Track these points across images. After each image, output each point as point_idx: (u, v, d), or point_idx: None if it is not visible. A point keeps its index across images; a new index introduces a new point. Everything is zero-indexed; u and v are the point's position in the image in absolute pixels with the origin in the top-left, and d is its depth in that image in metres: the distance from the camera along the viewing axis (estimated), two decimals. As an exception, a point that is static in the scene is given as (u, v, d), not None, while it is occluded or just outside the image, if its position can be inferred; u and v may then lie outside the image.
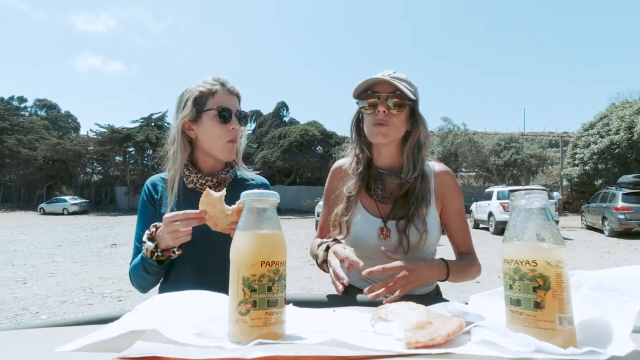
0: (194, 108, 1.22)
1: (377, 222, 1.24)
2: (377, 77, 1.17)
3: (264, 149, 30.66)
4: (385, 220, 1.23)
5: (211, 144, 1.24)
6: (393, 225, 1.22)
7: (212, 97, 1.23)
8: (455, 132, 28.36)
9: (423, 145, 1.24)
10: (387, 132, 1.18)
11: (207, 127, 1.22)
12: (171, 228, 0.97)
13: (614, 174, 19.09)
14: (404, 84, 1.18)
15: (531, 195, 0.56)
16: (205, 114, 1.22)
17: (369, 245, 1.23)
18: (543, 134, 49.86)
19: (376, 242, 1.22)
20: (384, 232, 1.22)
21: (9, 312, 4.64)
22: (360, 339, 0.54)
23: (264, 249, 0.58)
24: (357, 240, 1.26)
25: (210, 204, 0.91)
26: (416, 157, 1.23)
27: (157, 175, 1.35)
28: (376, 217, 1.25)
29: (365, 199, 1.29)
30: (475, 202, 16.29)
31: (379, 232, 1.23)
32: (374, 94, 1.18)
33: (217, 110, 1.21)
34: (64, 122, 55.24)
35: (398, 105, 1.17)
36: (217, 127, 1.22)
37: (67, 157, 32.38)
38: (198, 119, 1.23)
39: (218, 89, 1.24)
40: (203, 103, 1.22)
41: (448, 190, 1.26)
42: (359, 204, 1.28)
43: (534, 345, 0.48)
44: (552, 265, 0.51)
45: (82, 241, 11.82)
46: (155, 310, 0.67)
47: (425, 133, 1.24)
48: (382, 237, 1.22)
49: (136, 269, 1.15)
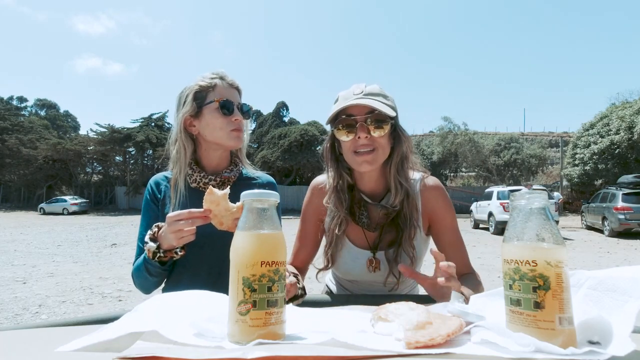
0: (194, 103, 1.20)
1: (365, 255, 1.17)
2: (350, 103, 1.05)
3: (264, 149, 30.65)
4: (374, 250, 1.17)
5: (215, 135, 1.21)
6: (382, 255, 1.16)
7: (212, 91, 1.21)
8: (456, 132, 28.35)
9: (406, 159, 1.15)
10: (373, 159, 1.08)
11: (209, 120, 1.20)
12: (175, 227, 0.95)
13: (614, 174, 19.09)
14: (378, 99, 1.07)
15: (531, 195, 0.56)
16: (207, 107, 1.20)
17: (357, 275, 1.20)
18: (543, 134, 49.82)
19: (365, 274, 1.17)
20: (373, 264, 1.16)
21: (9, 312, 4.64)
22: (360, 339, 0.54)
23: (264, 249, 0.58)
24: (345, 272, 1.22)
25: (214, 202, 0.90)
26: (401, 175, 1.13)
27: (160, 173, 1.33)
28: (364, 249, 1.18)
29: (351, 227, 1.19)
30: (475, 202, 16.28)
31: (367, 265, 1.16)
32: (350, 118, 1.07)
33: (219, 103, 1.19)
34: (63, 122, 55.21)
35: (378, 126, 1.06)
36: (220, 119, 1.20)
37: (67, 157, 32.36)
38: (199, 114, 1.21)
39: (217, 82, 1.22)
40: (203, 97, 1.21)
41: (437, 207, 1.16)
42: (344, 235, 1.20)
43: (534, 345, 0.48)
44: (552, 266, 0.51)
45: (82, 241, 11.81)
46: (156, 310, 0.67)
47: (409, 146, 1.14)
48: (372, 270, 1.16)
49: (139, 270, 1.14)
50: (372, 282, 1.20)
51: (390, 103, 1.10)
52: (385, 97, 1.10)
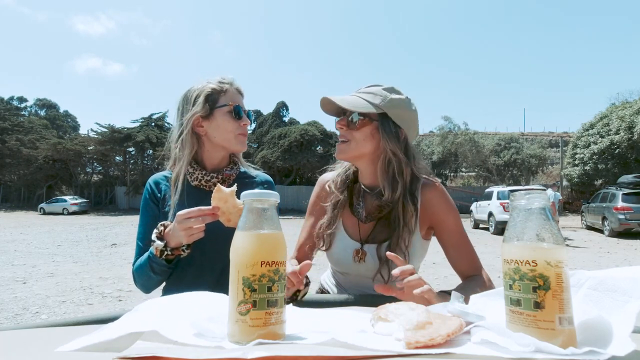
0: (207, 104, 1.24)
1: (354, 245, 1.19)
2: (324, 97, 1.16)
3: (264, 149, 30.64)
4: (362, 242, 1.19)
5: (224, 137, 1.26)
6: (372, 249, 1.16)
7: (224, 95, 1.26)
8: (456, 132, 28.36)
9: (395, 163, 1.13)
10: (344, 149, 1.16)
11: (220, 122, 1.24)
12: (185, 225, 0.97)
13: (614, 174, 19.08)
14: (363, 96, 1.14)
15: (531, 195, 0.56)
16: (218, 110, 1.24)
17: (346, 267, 1.22)
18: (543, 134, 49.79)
19: (351, 263, 1.19)
20: (359, 254, 1.17)
21: (9, 312, 4.64)
22: (360, 339, 0.54)
23: (264, 249, 0.58)
24: (336, 261, 1.25)
25: (222, 200, 0.91)
26: (390, 177, 1.13)
27: (159, 173, 1.34)
28: (354, 240, 1.20)
29: (347, 216, 1.24)
30: (475, 202, 16.28)
31: (354, 254, 1.18)
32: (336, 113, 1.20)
33: (233, 107, 1.25)
34: (63, 122, 55.18)
35: (349, 120, 1.15)
36: (230, 123, 1.25)
37: (68, 156, 32.36)
38: (210, 116, 1.24)
39: (229, 88, 1.27)
40: (215, 100, 1.25)
41: (437, 210, 1.16)
42: (340, 221, 1.24)
43: (534, 345, 0.48)
44: (552, 266, 0.51)
45: (82, 241, 11.81)
46: (155, 310, 0.67)
47: (392, 148, 1.12)
48: (357, 260, 1.17)
49: (142, 269, 1.14)
50: (360, 275, 1.21)
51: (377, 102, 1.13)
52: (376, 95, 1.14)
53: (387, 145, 1.13)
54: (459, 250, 1.16)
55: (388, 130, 1.13)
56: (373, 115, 1.13)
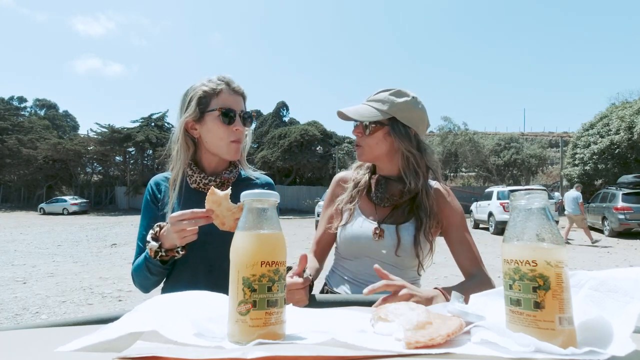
0: (198, 108, 1.20)
1: (371, 225, 1.26)
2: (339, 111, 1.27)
3: (264, 149, 30.66)
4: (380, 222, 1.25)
5: (215, 144, 1.22)
6: (392, 228, 1.23)
7: (216, 97, 1.20)
8: (456, 132, 28.37)
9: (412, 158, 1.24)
10: (360, 153, 1.29)
11: (211, 127, 1.20)
12: (178, 227, 0.96)
13: (614, 174, 19.08)
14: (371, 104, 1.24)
15: (531, 195, 0.56)
16: (209, 115, 1.20)
17: (361, 241, 1.26)
18: (543, 134, 49.84)
19: (370, 242, 1.25)
20: (377, 231, 1.24)
21: (9, 312, 4.64)
22: (360, 339, 0.54)
23: (264, 249, 0.58)
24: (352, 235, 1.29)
25: (216, 203, 0.90)
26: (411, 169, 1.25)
27: (160, 174, 1.33)
28: (372, 221, 1.27)
29: (365, 201, 1.32)
30: (475, 202, 16.28)
31: (373, 231, 1.25)
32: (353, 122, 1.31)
33: (221, 112, 1.19)
34: (62, 122, 55.16)
35: (364, 127, 1.26)
36: (221, 128, 1.20)
37: (67, 157, 32.37)
38: (201, 119, 1.21)
39: (223, 89, 1.21)
40: (207, 103, 1.20)
41: (443, 206, 1.27)
42: (357, 205, 1.31)
43: (534, 345, 0.48)
44: (552, 266, 0.51)
45: (82, 241, 11.81)
46: (155, 310, 0.67)
47: (406, 147, 1.23)
48: (376, 237, 1.24)
49: (139, 269, 1.14)
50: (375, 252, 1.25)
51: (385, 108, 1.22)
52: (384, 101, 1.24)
53: (400, 144, 1.24)
54: (461, 245, 1.24)
55: (399, 132, 1.24)
56: (383, 121, 1.24)
